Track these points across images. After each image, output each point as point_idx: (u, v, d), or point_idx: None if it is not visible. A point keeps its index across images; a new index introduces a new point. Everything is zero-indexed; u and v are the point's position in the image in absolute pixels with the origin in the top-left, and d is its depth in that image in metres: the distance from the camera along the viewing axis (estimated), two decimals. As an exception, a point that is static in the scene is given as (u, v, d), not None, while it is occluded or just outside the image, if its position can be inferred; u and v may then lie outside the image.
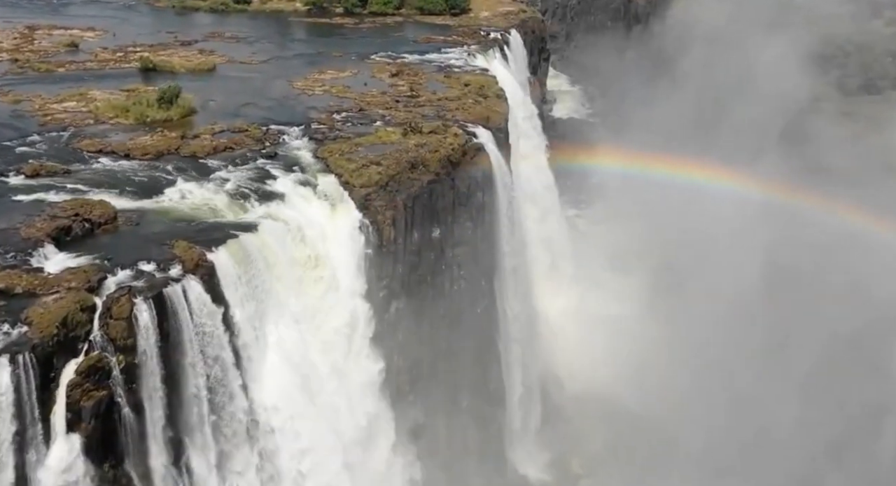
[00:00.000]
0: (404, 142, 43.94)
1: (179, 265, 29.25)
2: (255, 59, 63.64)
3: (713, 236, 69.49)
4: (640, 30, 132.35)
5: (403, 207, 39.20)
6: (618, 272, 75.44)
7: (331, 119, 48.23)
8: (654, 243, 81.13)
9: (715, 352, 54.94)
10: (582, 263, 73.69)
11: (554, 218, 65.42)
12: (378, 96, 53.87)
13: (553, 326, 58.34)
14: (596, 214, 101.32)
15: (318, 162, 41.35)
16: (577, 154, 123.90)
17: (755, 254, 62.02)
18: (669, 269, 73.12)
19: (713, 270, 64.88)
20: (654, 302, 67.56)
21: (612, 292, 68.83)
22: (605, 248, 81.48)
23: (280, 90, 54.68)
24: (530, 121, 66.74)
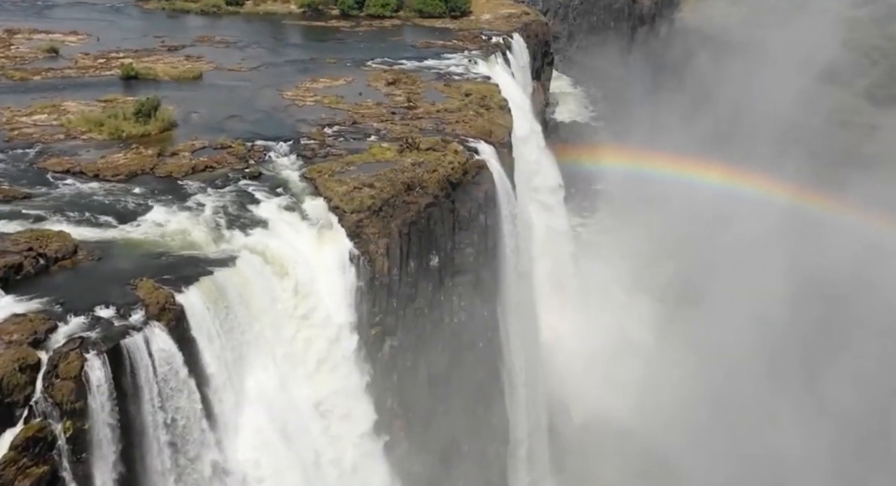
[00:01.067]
0: (400, 160, 40.34)
1: (142, 310, 25.66)
2: (244, 65, 60.05)
3: (731, 247, 65.70)
4: (645, 31, 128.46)
5: (398, 235, 35.59)
6: (627, 289, 71.93)
7: (322, 134, 44.63)
8: (664, 255, 77.52)
9: (736, 380, 51.08)
10: (589, 279, 70.11)
11: (560, 234, 61.67)
12: (373, 108, 50.27)
13: (559, 350, 54.75)
14: (601, 223, 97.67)
15: (306, 183, 37.75)
16: (580, 159, 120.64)
17: (780, 268, 58.03)
18: (682, 284, 69.53)
19: (732, 285, 61.24)
20: (666, 322, 64.07)
21: (621, 312, 65.29)
22: (612, 261, 77.87)
23: (269, 101, 51.07)
24: (535, 131, 63.05)
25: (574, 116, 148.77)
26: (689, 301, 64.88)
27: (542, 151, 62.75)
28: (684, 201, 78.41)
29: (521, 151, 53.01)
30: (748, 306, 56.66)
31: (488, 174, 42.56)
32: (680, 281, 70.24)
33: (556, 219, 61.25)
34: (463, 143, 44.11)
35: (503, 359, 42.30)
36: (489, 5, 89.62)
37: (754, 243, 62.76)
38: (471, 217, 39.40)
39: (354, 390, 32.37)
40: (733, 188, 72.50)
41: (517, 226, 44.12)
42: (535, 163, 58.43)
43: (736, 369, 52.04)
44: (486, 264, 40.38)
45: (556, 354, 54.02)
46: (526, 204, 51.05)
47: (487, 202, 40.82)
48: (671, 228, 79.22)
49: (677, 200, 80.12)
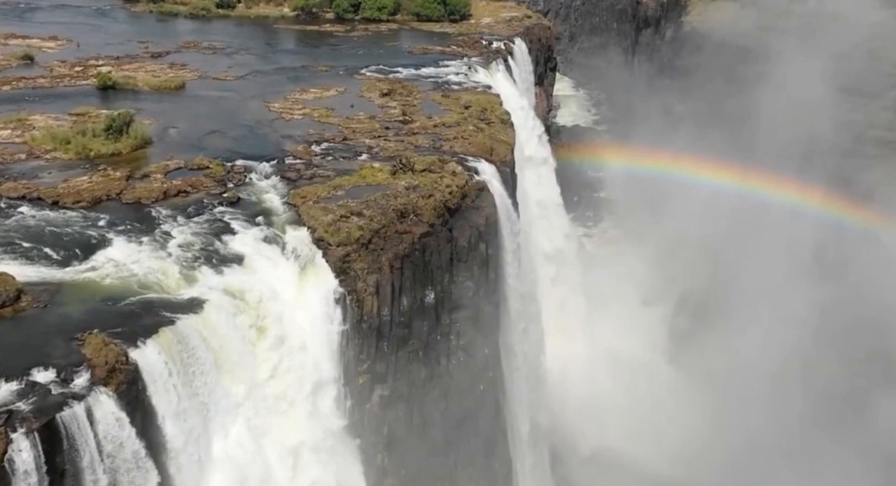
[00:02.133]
0: (393, 183, 36.62)
1: (88, 373, 21.97)
2: (231, 74, 56.31)
3: (752, 259, 61.46)
4: (649, 34, 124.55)
5: (390, 270, 31.87)
6: (636, 306, 68.12)
7: (308, 152, 40.91)
8: (675, 268, 73.52)
9: (754, 410, 47.07)
10: (594, 296, 66.26)
11: (566, 252, 57.94)
12: (365, 122, 46.54)
13: (565, 377, 51.01)
14: (606, 233, 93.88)
15: (288, 210, 34.06)
16: (582, 165, 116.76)
17: (811, 284, 53.86)
18: (696, 300, 65.57)
19: (754, 302, 57.26)
20: (681, 344, 60.34)
21: (631, 333, 61.46)
22: (619, 275, 73.96)
23: (254, 114, 47.34)
24: (538, 142, 59.35)
25: (576, 120, 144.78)
26: (706, 319, 60.99)
27: (546, 166, 58.93)
28: (696, 210, 74.11)
29: (525, 168, 49.21)
30: (773, 327, 52.50)
31: (489, 197, 38.86)
32: (693, 297, 66.27)
33: (562, 237, 57.34)
34: (462, 162, 40.40)
35: (506, 399, 38.64)
36: (489, 8, 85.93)
37: (779, 255, 58.45)
38: (470, 247, 35.70)
39: (339, 447, 28.68)
40: (752, 194, 67.46)
41: (520, 250, 40.42)
42: (539, 180, 54.60)
43: (763, 400, 47.84)
44: (487, 297, 36.71)
45: (563, 381, 50.31)
46: (530, 224, 47.28)
47: (488, 229, 37.11)
48: (682, 238, 75.25)
49: (688, 209, 75.94)
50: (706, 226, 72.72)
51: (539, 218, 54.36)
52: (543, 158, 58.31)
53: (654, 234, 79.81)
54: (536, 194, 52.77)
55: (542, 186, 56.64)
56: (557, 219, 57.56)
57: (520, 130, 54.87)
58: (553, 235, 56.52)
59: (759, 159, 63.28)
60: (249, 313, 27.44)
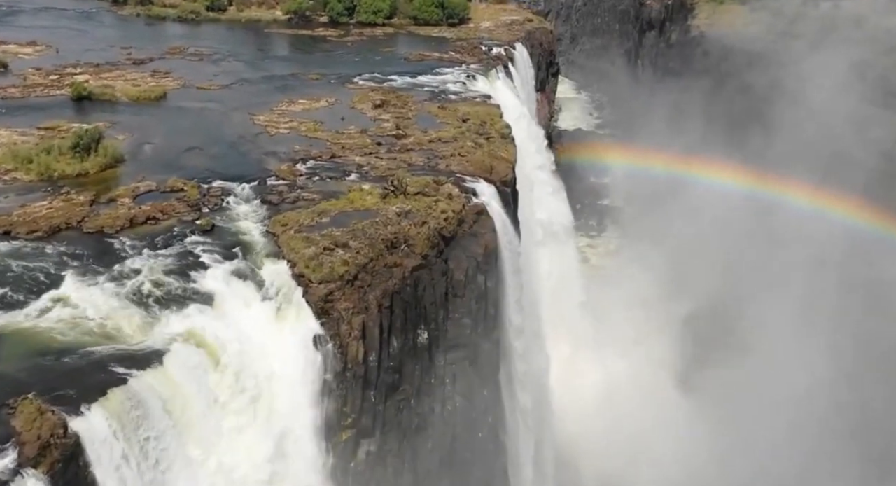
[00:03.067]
0: (383, 208, 33.24)
1: (15, 451, 18.63)
2: (216, 82, 52.97)
3: (772, 271, 57.57)
4: (653, 37, 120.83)
5: (378, 308, 28.50)
6: (643, 326, 64.63)
7: (293, 172, 37.52)
8: (683, 282, 69.89)
9: (772, 448, 43.46)
10: (601, 315, 62.76)
11: (571, 274, 54.54)
12: (356, 137, 43.16)
13: (571, 408, 47.60)
14: (611, 244, 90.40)
15: (267, 240, 30.68)
16: (585, 172, 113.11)
17: (832, 299, 49.99)
18: (709, 319, 61.84)
19: (775, 320, 53.61)
20: (693, 368, 56.87)
21: (637, 356, 58.00)
22: (625, 290, 70.38)
23: (237, 127, 43.99)
24: (540, 156, 55.99)
25: (578, 124, 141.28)
26: (720, 341, 57.42)
27: (551, 184, 55.57)
28: (706, 219, 70.18)
29: (527, 186, 45.83)
30: (797, 352, 48.73)
31: (488, 222, 35.47)
32: (706, 315, 62.60)
33: (567, 259, 53.90)
34: (458, 183, 37.00)
35: (508, 443, 35.27)
36: (489, 11, 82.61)
37: (802, 269, 54.55)
38: (467, 280, 32.32)
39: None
40: (768, 202, 62.81)
41: (522, 275, 37.05)
42: (542, 198, 51.19)
43: (789, 436, 43.89)
44: (485, 334, 33.36)
45: (569, 414, 46.89)
46: (532, 248, 43.92)
47: (487, 258, 33.73)
48: (691, 249, 71.54)
49: (697, 218, 72.03)
50: (718, 237, 68.96)
51: (544, 236, 50.85)
52: (544, 170, 54.78)
53: (662, 244, 76.17)
54: (541, 213, 49.32)
55: (547, 203, 53.14)
56: (564, 237, 54.06)
57: (521, 142, 51.53)
58: (558, 255, 53.03)
59: (775, 168, 59.45)
60: (217, 364, 24.07)
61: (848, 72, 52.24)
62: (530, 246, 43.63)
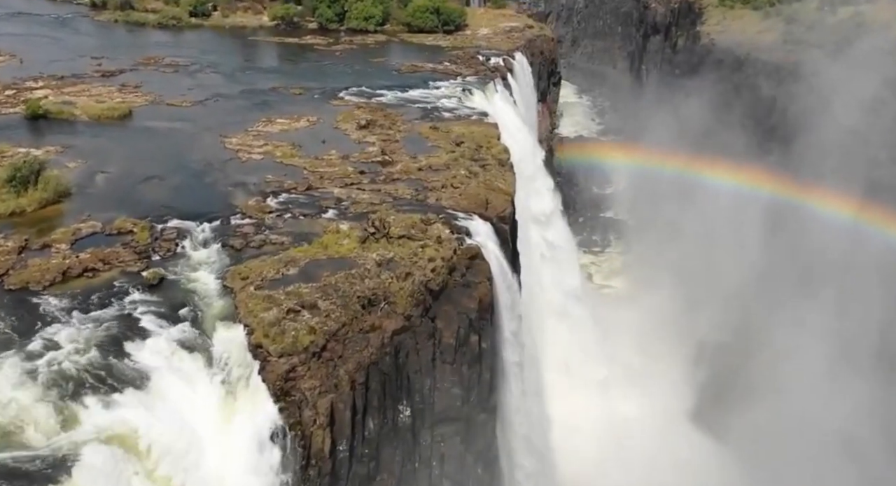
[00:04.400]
0: (361, 256, 28.61)
1: None
2: (188, 98, 48.33)
3: (795, 289, 52.58)
4: (658, 41, 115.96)
5: (350, 386, 23.86)
6: (653, 352, 59.95)
7: (262, 208, 32.86)
8: (694, 305, 64.95)
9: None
10: (606, 345, 57.90)
11: (576, 312, 49.85)
12: (337, 164, 38.50)
13: (576, 458, 42.94)
14: (614, 261, 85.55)
15: (223, 297, 26.06)
16: (587, 182, 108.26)
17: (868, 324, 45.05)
18: (721, 347, 56.96)
19: (790, 350, 48.90)
20: (707, 404, 52.24)
21: (647, 392, 53.27)
22: (632, 313, 65.55)
23: (206, 152, 39.32)
24: (541, 176, 51.33)
25: (580, 130, 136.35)
26: (738, 372, 52.72)
27: (556, 217, 50.86)
28: (721, 233, 65.14)
29: (528, 221, 41.20)
30: (826, 387, 43.92)
31: (483, 267, 30.81)
32: (721, 342, 57.81)
33: (571, 293, 49.15)
34: (450, 221, 32.32)
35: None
36: (487, 16, 77.91)
37: (833, 287, 49.62)
38: (458, 342, 27.68)
39: None
40: (797, 214, 57.08)
41: (522, 330, 32.45)
42: (546, 240, 46.49)
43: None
44: (479, 403, 28.72)
45: (573, 463, 42.24)
46: (534, 292, 39.29)
47: (482, 313, 29.10)
48: (704, 266, 66.68)
49: (711, 232, 67.03)
50: (733, 254, 64.00)
51: (547, 261, 46.22)
52: (547, 194, 50.14)
53: (670, 261, 71.30)
54: (541, 244, 44.67)
55: (549, 231, 48.49)
56: (568, 266, 49.36)
57: (520, 164, 46.92)
58: (562, 289, 48.35)
59: (800, 184, 54.51)
60: (144, 473, 19.43)
61: (881, 86, 47.49)
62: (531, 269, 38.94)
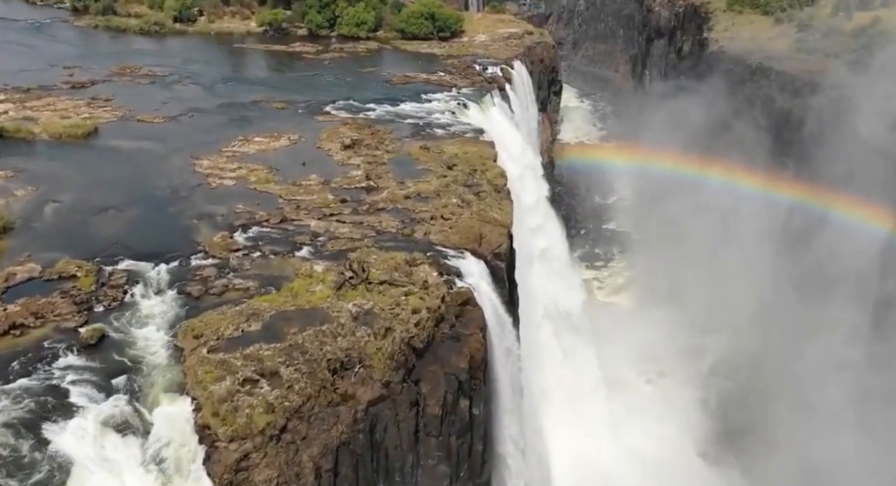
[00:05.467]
0: (335, 307, 24.84)
1: None
2: (162, 113, 44.57)
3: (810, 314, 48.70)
4: (662, 46, 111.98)
5: (315, 474, 20.07)
6: (659, 381, 56.08)
7: (228, 245, 29.06)
8: (706, 324, 60.90)
9: None
10: (611, 372, 53.90)
11: (579, 340, 46.00)
12: (316, 190, 34.69)
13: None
14: (618, 276, 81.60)
15: (171, 361, 22.29)
16: (588, 191, 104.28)
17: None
18: (736, 374, 52.96)
19: (814, 375, 44.96)
20: (717, 436, 48.41)
21: (657, 424, 49.40)
22: (637, 337, 61.58)
23: (172, 177, 35.54)
24: (540, 197, 47.53)
25: (581, 136, 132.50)
26: (756, 402, 48.79)
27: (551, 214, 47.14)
28: (734, 249, 61.06)
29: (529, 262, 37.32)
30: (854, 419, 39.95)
31: (475, 315, 27.01)
32: (735, 368, 53.83)
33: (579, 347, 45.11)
34: (438, 260, 28.52)
35: None
36: (485, 22, 74.05)
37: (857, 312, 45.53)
38: (446, 409, 23.89)
39: None
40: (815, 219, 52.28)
41: (521, 388, 28.66)
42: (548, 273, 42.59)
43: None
44: (470, 479, 24.93)
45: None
46: (533, 340, 35.44)
47: (474, 372, 25.30)
48: (714, 284, 62.72)
49: (721, 247, 62.99)
50: (746, 272, 59.98)
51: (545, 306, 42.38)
52: (548, 213, 46.33)
53: (678, 278, 67.30)
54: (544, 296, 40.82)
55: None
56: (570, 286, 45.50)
57: (517, 183, 43.12)
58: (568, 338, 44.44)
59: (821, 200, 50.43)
60: None
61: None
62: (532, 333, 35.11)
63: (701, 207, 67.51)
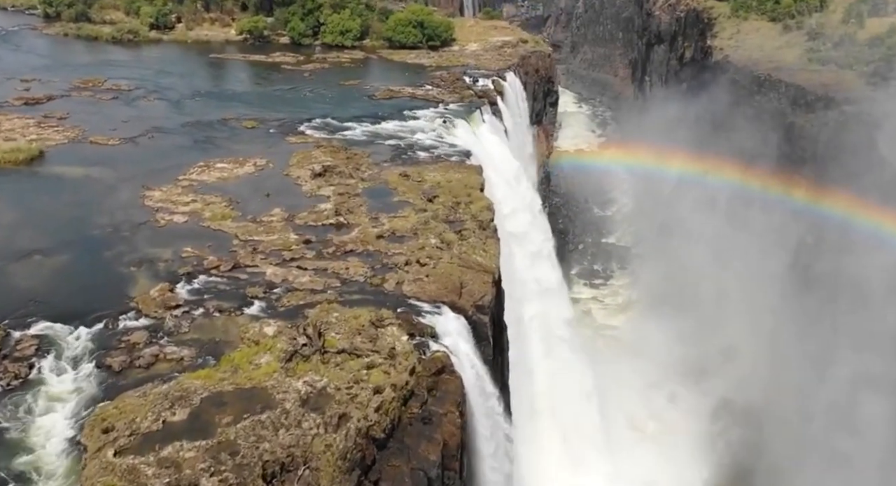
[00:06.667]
0: (282, 385, 20.53)
1: None
2: (119, 134, 40.25)
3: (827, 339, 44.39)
4: (662, 51, 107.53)
5: None
6: (665, 419, 51.71)
7: (166, 301, 24.69)
8: (714, 349, 56.46)
9: None
10: (609, 404, 49.53)
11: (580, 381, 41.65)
12: (278, 228, 30.30)
13: None
14: (618, 295, 76.92)
15: (69, 468, 17.93)
16: (587, 202, 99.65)
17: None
18: (748, 409, 48.52)
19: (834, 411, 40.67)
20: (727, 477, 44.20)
21: (661, 460, 45.10)
22: (639, 364, 57.24)
23: (117, 212, 31.19)
24: (534, 221, 43.16)
25: (579, 143, 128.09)
26: (771, 441, 44.53)
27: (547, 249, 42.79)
28: (743, 267, 56.66)
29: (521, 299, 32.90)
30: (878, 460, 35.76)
31: (452, 387, 22.72)
32: (747, 401, 49.56)
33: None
34: (410, 318, 24.17)
35: None
36: (477, 30, 69.64)
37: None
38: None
39: None
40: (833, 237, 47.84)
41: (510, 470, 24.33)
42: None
43: None
44: None
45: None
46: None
47: (448, 463, 20.93)
48: (722, 305, 58.44)
49: (730, 264, 58.62)
50: (755, 293, 55.58)
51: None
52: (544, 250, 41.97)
53: (682, 297, 62.88)
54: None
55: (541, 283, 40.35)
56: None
57: (503, 205, 38.78)
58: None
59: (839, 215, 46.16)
60: None
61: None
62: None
63: (706, 219, 63.26)
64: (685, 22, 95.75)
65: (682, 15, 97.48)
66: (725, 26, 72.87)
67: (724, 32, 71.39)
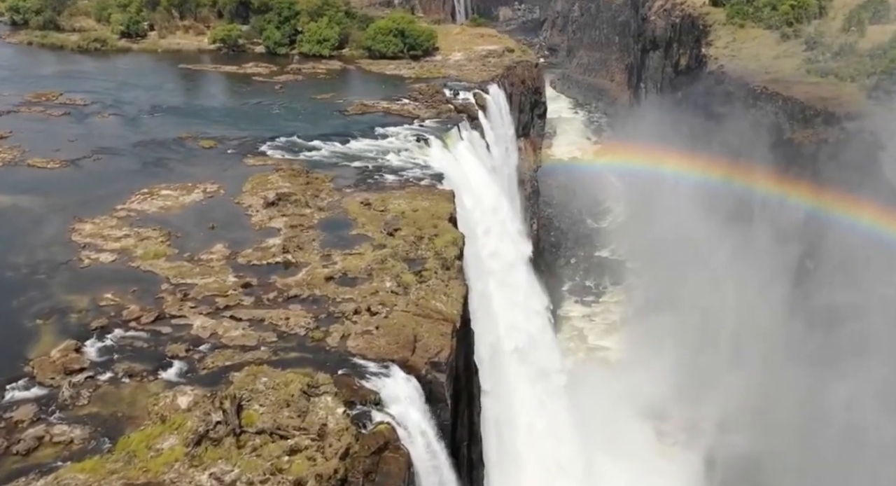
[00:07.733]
0: (182, 479, 16.85)
1: None
2: (62, 155, 36.66)
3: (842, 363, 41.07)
4: (658, 58, 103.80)
5: None
6: (659, 442, 48.10)
7: (68, 363, 21.04)
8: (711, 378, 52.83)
9: None
10: (595, 433, 45.90)
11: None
12: (217, 268, 26.64)
13: None
14: (610, 313, 73.12)
15: None
16: (580, 213, 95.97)
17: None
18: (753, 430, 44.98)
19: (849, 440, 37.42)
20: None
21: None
22: (632, 388, 53.59)
23: (37, 250, 27.58)
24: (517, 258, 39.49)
25: (574, 151, 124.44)
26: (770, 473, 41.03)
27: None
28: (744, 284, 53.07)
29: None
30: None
31: (395, 468, 19.11)
32: (748, 421, 46.07)
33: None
34: (351, 383, 20.53)
35: None
36: (463, 38, 65.90)
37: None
38: None
39: None
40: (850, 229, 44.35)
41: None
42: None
43: None
44: None
45: None
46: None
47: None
48: (720, 322, 54.92)
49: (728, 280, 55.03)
50: (759, 311, 51.98)
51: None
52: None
53: (678, 314, 59.26)
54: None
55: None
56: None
57: (481, 236, 35.18)
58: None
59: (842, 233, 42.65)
60: None
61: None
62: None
63: (701, 232, 59.64)
64: (680, 28, 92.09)
65: (678, 21, 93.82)
66: (721, 34, 69.16)
67: (719, 40, 67.69)
